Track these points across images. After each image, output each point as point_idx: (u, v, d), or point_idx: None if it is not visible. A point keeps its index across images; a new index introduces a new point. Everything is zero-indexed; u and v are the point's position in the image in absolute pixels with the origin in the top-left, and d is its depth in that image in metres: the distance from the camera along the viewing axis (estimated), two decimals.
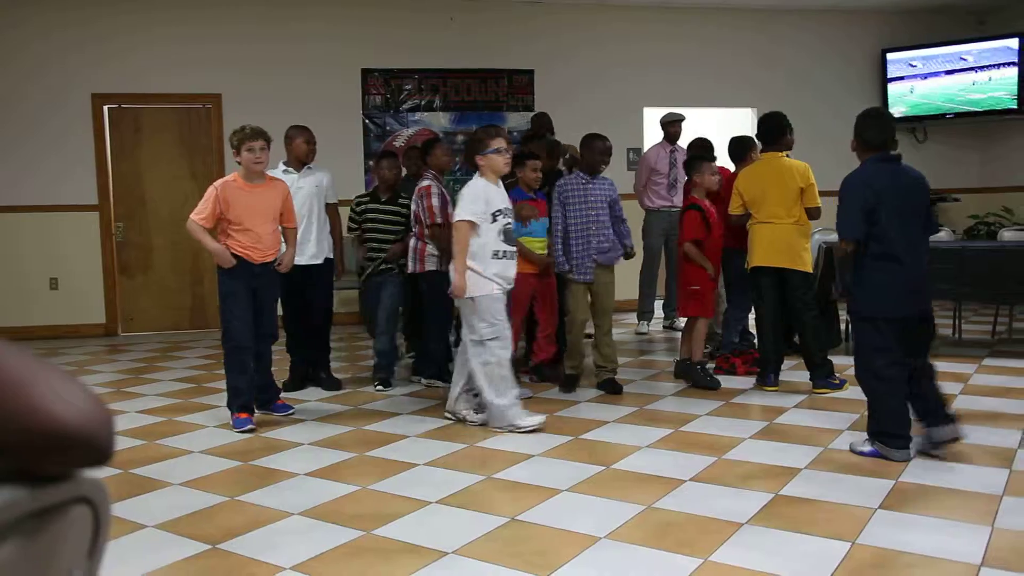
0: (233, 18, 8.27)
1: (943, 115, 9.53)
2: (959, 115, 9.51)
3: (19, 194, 7.95)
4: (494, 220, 4.38)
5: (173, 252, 8.38)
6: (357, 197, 5.62)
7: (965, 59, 9.34)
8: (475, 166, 4.50)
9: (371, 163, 6.32)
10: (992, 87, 9.22)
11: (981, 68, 9.26)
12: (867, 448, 3.76)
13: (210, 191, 4.50)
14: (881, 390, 3.71)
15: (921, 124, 9.73)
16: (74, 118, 8.00)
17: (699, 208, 5.23)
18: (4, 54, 7.87)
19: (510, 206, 4.52)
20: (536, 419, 4.37)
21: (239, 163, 4.56)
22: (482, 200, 4.35)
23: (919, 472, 3.53)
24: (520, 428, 4.31)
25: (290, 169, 5.40)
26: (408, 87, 8.71)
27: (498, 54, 8.88)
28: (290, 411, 4.83)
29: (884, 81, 9.73)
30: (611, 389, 5.15)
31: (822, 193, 5.14)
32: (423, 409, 4.92)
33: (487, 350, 4.36)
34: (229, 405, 4.63)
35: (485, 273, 4.34)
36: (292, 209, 4.79)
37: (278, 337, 4.83)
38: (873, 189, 3.66)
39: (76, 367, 6.55)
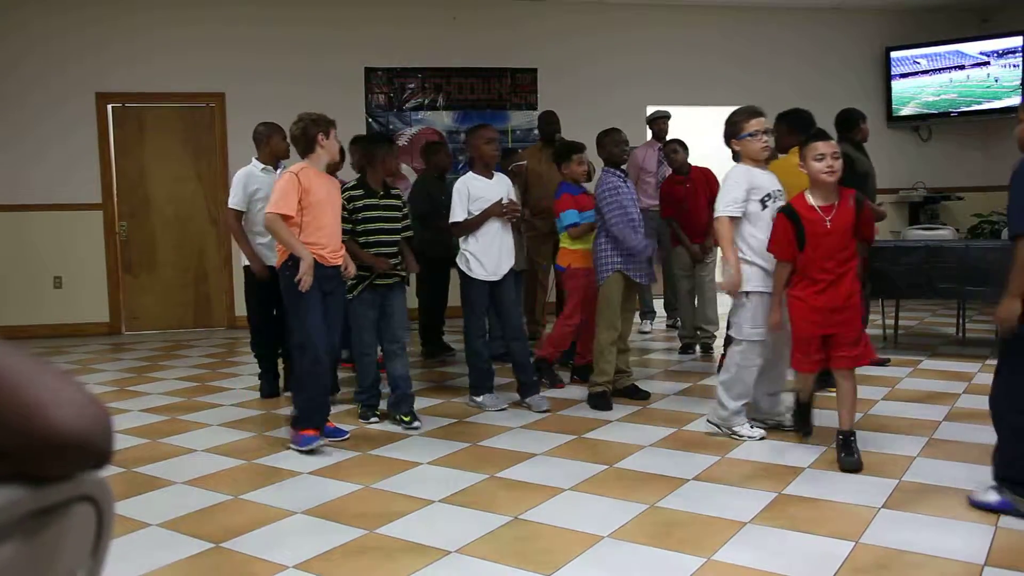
0: (236, 18, 8.27)
1: (947, 113, 9.52)
2: (963, 113, 9.49)
3: (23, 193, 7.97)
4: (764, 206, 3.93)
5: (177, 250, 8.39)
6: (347, 191, 4.55)
7: (969, 57, 9.32)
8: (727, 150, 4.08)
9: (352, 148, 5.47)
10: (996, 85, 9.20)
11: (985, 66, 9.25)
12: (993, 498, 3.04)
13: (288, 178, 4.02)
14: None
15: (925, 123, 9.71)
16: (78, 117, 8.01)
17: (792, 214, 3.71)
18: (9, 54, 7.88)
19: (781, 188, 4.02)
20: (758, 432, 4.07)
21: (313, 149, 4.10)
22: (741, 188, 3.92)
23: (922, 471, 3.52)
24: (740, 436, 4.05)
25: (269, 168, 5.19)
26: (411, 86, 8.71)
27: (501, 53, 8.87)
28: (344, 436, 4.25)
29: (888, 79, 9.72)
30: (639, 395, 4.98)
31: None
32: (425, 408, 4.92)
33: (745, 355, 3.99)
34: (298, 423, 4.12)
35: (765, 266, 3.91)
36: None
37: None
38: None
39: (80, 365, 6.57)
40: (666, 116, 7.46)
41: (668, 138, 6.62)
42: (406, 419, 4.51)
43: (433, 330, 6.54)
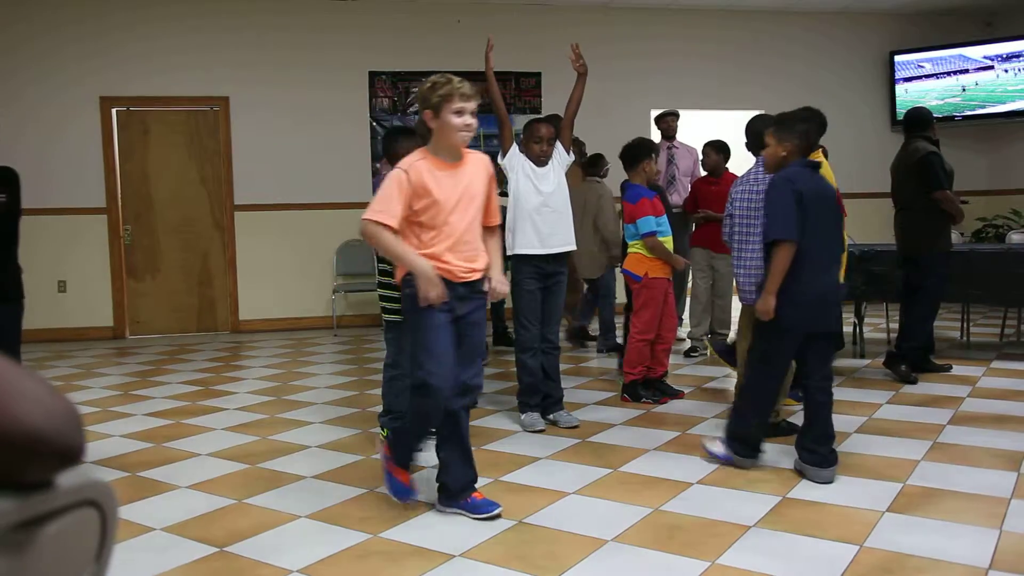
0: (240, 21, 8.30)
1: (951, 117, 9.50)
2: (967, 117, 9.48)
3: (27, 196, 7.84)
4: None
5: (181, 255, 8.40)
6: None
7: (973, 61, 9.31)
8: None
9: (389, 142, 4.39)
10: (1001, 89, 9.19)
11: (989, 70, 9.24)
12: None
13: (397, 177, 3.02)
14: None
15: None
16: (83, 121, 8.03)
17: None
18: (13, 57, 7.91)
19: None
20: None
21: (425, 127, 3.15)
22: None
23: (926, 475, 3.52)
24: None
25: None
26: (415, 89, 8.70)
27: (505, 56, 8.84)
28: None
29: (892, 83, 9.71)
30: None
31: (845, 196, 5.11)
32: None
33: None
34: (399, 460, 3.29)
35: None
36: (496, 197, 3.30)
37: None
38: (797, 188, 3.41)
39: (83, 370, 6.58)
40: (674, 114, 7.33)
41: (707, 141, 6.36)
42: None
43: None
